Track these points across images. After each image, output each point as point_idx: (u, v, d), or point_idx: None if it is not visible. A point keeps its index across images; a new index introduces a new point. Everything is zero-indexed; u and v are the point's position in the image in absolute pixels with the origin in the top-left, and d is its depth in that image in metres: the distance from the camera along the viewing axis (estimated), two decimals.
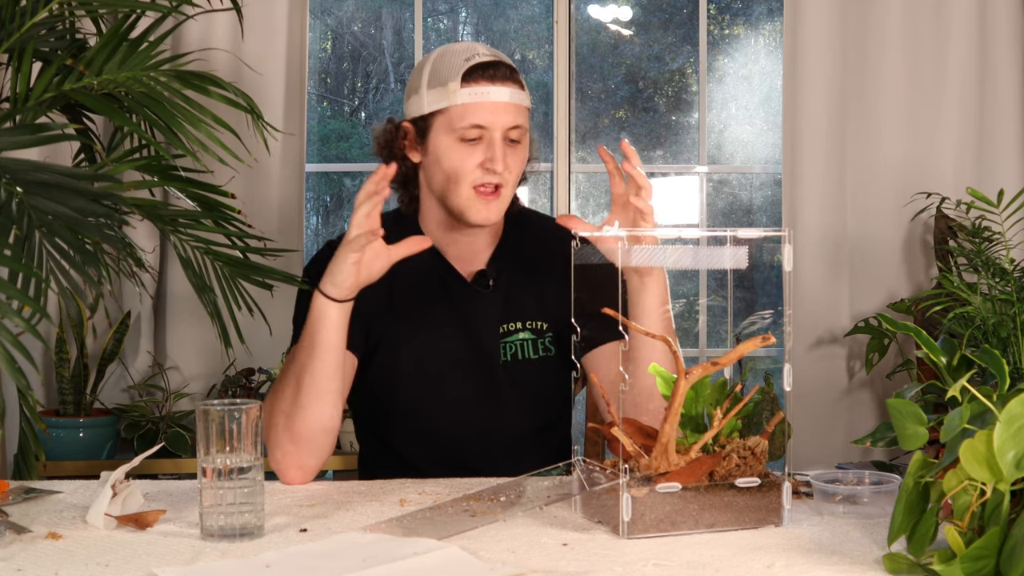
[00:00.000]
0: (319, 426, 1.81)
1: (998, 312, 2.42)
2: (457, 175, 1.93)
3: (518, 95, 1.94)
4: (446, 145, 1.94)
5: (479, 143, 1.92)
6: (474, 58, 1.93)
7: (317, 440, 1.81)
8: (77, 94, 2.07)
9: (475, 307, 2.02)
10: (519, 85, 1.95)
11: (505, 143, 1.93)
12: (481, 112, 1.91)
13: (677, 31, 4.53)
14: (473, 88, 1.91)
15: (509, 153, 1.94)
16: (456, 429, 2.01)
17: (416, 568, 1.33)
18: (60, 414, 2.96)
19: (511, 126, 1.93)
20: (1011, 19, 3.23)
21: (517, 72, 1.97)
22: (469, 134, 1.92)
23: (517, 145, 1.96)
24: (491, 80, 1.92)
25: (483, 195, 1.93)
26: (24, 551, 1.41)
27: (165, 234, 2.23)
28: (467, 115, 1.91)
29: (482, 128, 1.91)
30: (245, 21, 2.55)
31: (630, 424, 1.57)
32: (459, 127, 1.92)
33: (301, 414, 1.80)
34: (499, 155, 1.91)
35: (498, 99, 1.92)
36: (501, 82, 1.92)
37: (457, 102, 1.91)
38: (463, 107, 1.91)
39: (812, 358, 3.24)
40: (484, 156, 1.92)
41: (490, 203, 1.94)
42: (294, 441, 1.80)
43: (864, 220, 3.24)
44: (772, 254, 1.60)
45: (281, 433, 1.81)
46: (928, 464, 1.34)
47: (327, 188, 4.69)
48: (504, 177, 1.93)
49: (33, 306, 1.52)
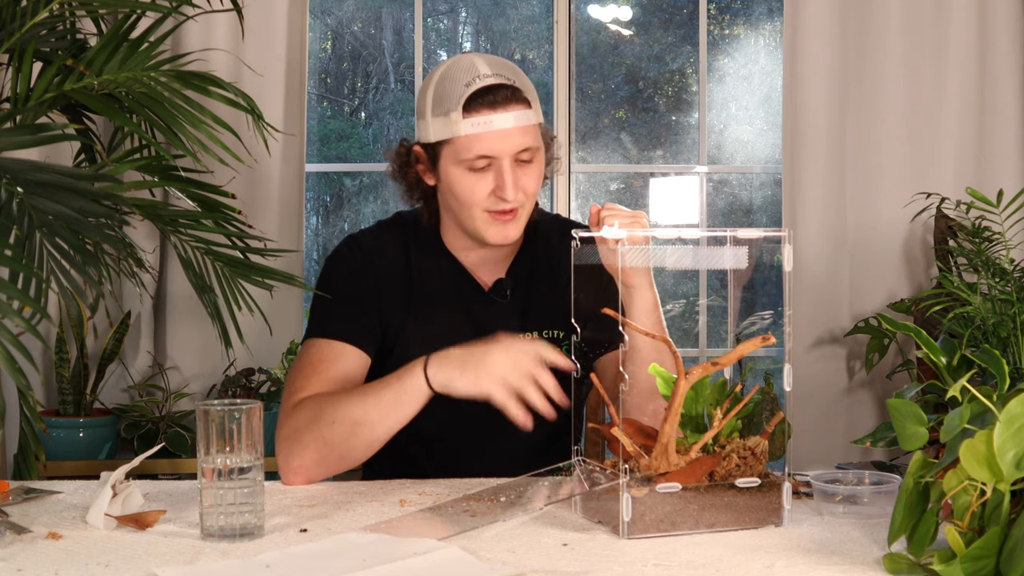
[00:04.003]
0: (351, 461, 1.81)
1: (998, 312, 2.42)
2: (469, 203, 1.90)
3: (524, 116, 1.88)
4: (456, 175, 1.89)
5: (488, 171, 1.88)
6: (474, 82, 1.86)
7: (341, 468, 1.81)
8: (77, 94, 2.08)
9: (491, 316, 2.00)
10: (524, 104, 1.88)
11: (516, 166, 1.89)
12: (486, 142, 1.86)
13: (677, 31, 4.53)
14: (475, 118, 1.85)
15: (521, 176, 1.89)
16: (465, 436, 2.00)
17: (416, 568, 1.33)
18: (60, 414, 2.96)
19: (520, 149, 1.88)
20: (1011, 19, 3.23)
21: (520, 91, 1.89)
22: (477, 164, 1.87)
23: (529, 165, 1.91)
24: (492, 107, 1.85)
25: (498, 219, 1.91)
26: (24, 551, 1.41)
27: (165, 234, 2.23)
28: (472, 147, 1.86)
29: (489, 158, 1.87)
30: (245, 21, 2.55)
31: (630, 424, 1.57)
32: (465, 158, 1.87)
33: (344, 453, 1.78)
34: (508, 182, 1.87)
35: (502, 127, 1.86)
36: (503, 107, 1.86)
37: (460, 133, 1.86)
38: (467, 139, 1.86)
39: (812, 358, 3.24)
40: (494, 184, 1.88)
41: (507, 224, 1.91)
42: (320, 464, 1.79)
43: (864, 220, 3.24)
44: (772, 254, 1.60)
45: (310, 452, 1.78)
46: (928, 464, 1.34)
47: (327, 188, 4.69)
48: (518, 199, 1.90)
49: (33, 306, 1.52)
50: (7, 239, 1.59)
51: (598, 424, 1.89)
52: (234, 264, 2.16)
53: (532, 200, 1.94)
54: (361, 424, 1.77)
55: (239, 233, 2.18)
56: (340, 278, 1.97)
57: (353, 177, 4.66)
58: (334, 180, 4.67)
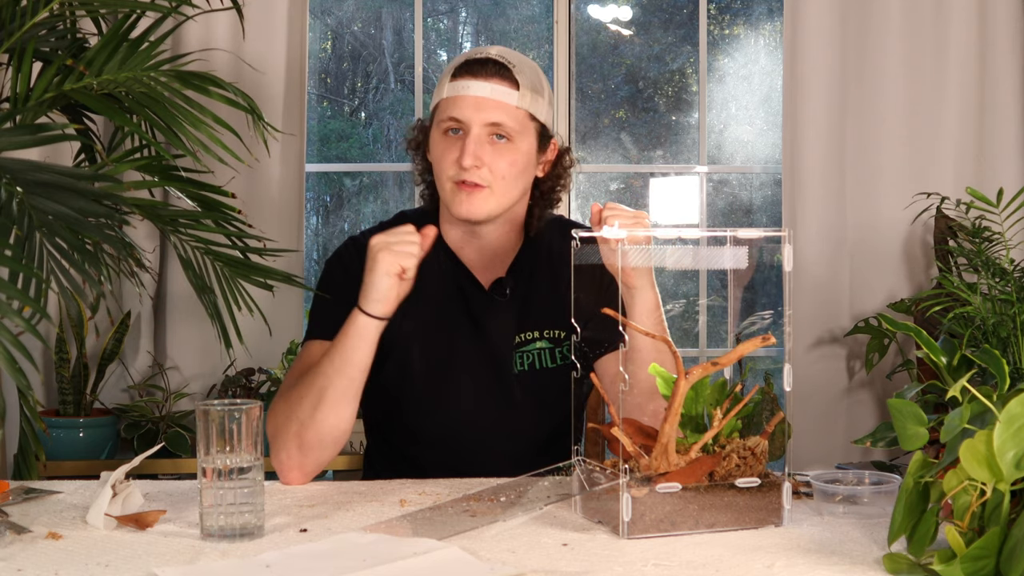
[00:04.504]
0: (331, 438, 1.80)
1: (998, 312, 2.42)
2: (439, 169, 1.93)
3: (504, 93, 1.89)
4: (434, 140, 1.95)
5: (460, 139, 1.90)
6: (476, 55, 1.92)
7: (326, 449, 1.81)
8: (77, 94, 2.08)
9: (490, 315, 2.01)
10: (510, 83, 1.90)
11: (488, 140, 1.89)
12: (459, 105, 1.89)
13: (677, 31, 4.53)
14: (457, 82, 1.91)
15: (491, 151, 1.89)
16: (463, 435, 2.00)
17: (416, 568, 1.33)
18: (60, 414, 2.96)
19: (490, 122, 1.89)
20: (1011, 19, 3.23)
21: (511, 71, 1.90)
22: (449, 127, 1.91)
23: (503, 144, 1.90)
24: (474, 75, 1.90)
25: (462, 189, 1.91)
26: (24, 551, 1.41)
27: (165, 234, 2.23)
28: (448, 108, 1.91)
29: (458, 122, 1.90)
30: (245, 21, 2.54)
31: (630, 424, 1.57)
32: (440, 120, 1.92)
33: (316, 426, 1.79)
34: (469, 150, 1.87)
35: (477, 93, 1.89)
36: (485, 77, 1.89)
37: (444, 96, 1.92)
38: (445, 101, 1.92)
39: (812, 358, 3.24)
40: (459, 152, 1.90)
41: (472, 196, 1.90)
42: (302, 448, 1.79)
43: (864, 220, 3.24)
44: (772, 254, 1.60)
45: (291, 439, 1.80)
46: (928, 464, 1.34)
47: (327, 188, 4.69)
48: (482, 175, 1.89)
49: (33, 306, 1.52)
50: (7, 239, 1.59)
51: (598, 424, 1.89)
52: (234, 264, 2.16)
53: (504, 182, 1.92)
54: (324, 388, 1.78)
55: (239, 233, 2.18)
56: (339, 280, 1.97)
57: (353, 177, 4.66)
58: (334, 180, 4.67)
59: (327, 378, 1.79)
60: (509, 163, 1.92)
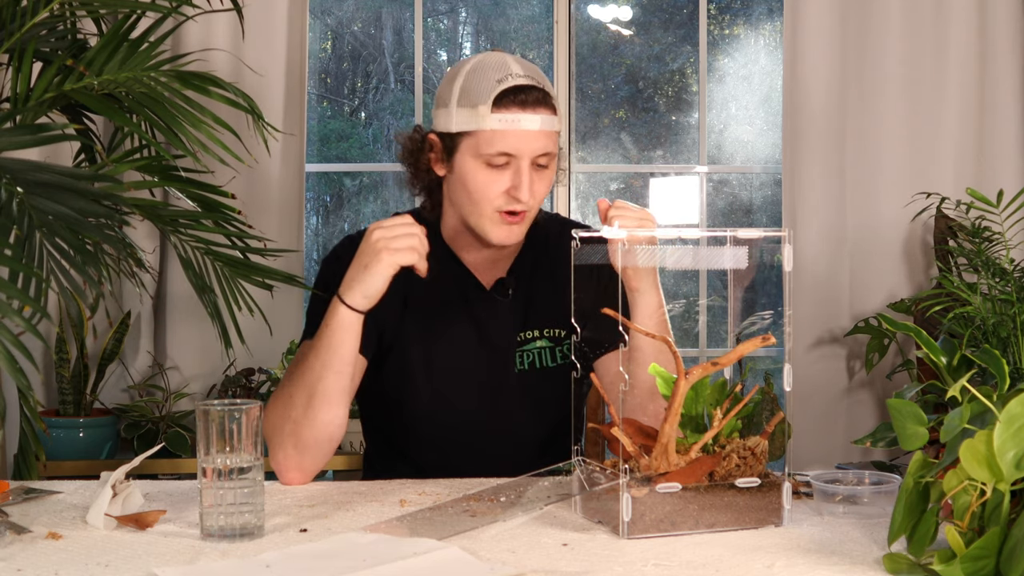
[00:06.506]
0: (326, 435, 1.80)
1: (998, 312, 2.42)
2: (481, 199, 1.90)
3: (549, 121, 1.89)
4: (472, 168, 1.89)
5: (506, 169, 1.88)
6: (507, 80, 1.87)
7: (322, 447, 1.81)
8: (77, 94, 2.08)
9: (492, 315, 2.00)
10: (551, 110, 1.90)
11: (532, 169, 1.89)
12: (511, 140, 1.86)
13: (677, 31, 4.53)
14: (504, 115, 1.86)
15: (536, 179, 1.90)
16: (463, 435, 2.00)
17: (416, 568, 1.33)
18: (60, 414, 2.97)
19: (540, 153, 1.89)
20: (1011, 19, 3.23)
21: (550, 96, 1.91)
22: (496, 160, 1.87)
23: (544, 170, 1.91)
24: (522, 107, 1.86)
25: (507, 220, 1.91)
26: (24, 551, 1.41)
27: (165, 234, 2.23)
28: (496, 142, 1.86)
29: (510, 156, 1.87)
30: (245, 22, 2.54)
31: (630, 424, 1.57)
32: (486, 153, 1.87)
33: (310, 423, 1.79)
34: (525, 183, 1.87)
35: (529, 127, 1.86)
36: (533, 109, 1.87)
37: (486, 127, 1.86)
38: (492, 133, 1.86)
39: (812, 358, 3.24)
40: (511, 183, 1.88)
41: (513, 226, 1.92)
42: (298, 447, 1.80)
43: (864, 220, 3.24)
44: (772, 254, 1.60)
45: (287, 438, 1.80)
46: (928, 464, 1.34)
47: (327, 188, 4.69)
48: (530, 203, 1.90)
49: (33, 306, 1.52)
50: (7, 239, 1.59)
51: (598, 424, 1.89)
52: (234, 264, 2.16)
53: (539, 205, 1.95)
54: (313, 384, 1.79)
55: (239, 233, 2.18)
56: (335, 279, 1.97)
57: (353, 177, 4.66)
58: (334, 180, 4.66)
59: (316, 374, 1.79)
60: (547, 186, 1.94)
